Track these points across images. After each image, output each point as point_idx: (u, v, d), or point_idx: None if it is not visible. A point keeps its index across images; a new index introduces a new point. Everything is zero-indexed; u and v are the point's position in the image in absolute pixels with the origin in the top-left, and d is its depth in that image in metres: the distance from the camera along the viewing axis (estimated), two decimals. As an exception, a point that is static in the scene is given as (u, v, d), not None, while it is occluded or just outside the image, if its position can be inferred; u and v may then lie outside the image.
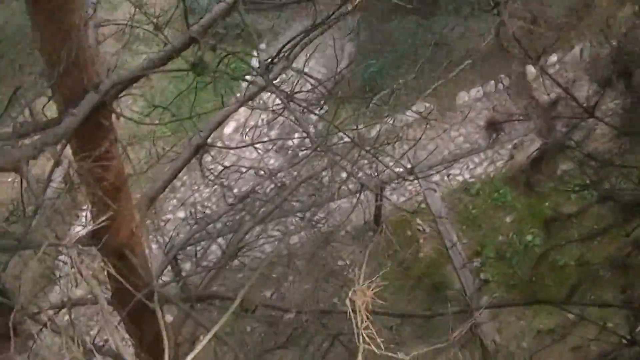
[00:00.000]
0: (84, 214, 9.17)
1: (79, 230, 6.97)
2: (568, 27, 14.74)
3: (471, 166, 15.70)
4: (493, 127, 8.00)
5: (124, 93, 5.68)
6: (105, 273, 6.17)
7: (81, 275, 4.32)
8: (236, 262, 9.30)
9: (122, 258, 6.72)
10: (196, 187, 14.16)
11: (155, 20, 5.22)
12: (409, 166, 10.99)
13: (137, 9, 5.54)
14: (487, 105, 16.10)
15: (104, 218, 5.37)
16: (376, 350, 4.18)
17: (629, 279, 8.84)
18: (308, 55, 6.60)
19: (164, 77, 14.82)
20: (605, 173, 8.43)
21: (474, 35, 15.58)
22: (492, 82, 16.46)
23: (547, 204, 14.23)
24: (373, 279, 4.17)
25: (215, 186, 9.14)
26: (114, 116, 5.78)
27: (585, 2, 14.46)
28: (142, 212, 7.01)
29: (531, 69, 15.64)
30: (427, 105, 14.97)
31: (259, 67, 4.63)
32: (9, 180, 12.41)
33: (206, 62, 4.63)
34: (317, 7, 5.19)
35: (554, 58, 16.31)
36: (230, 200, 8.90)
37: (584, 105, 7.68)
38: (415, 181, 11.89)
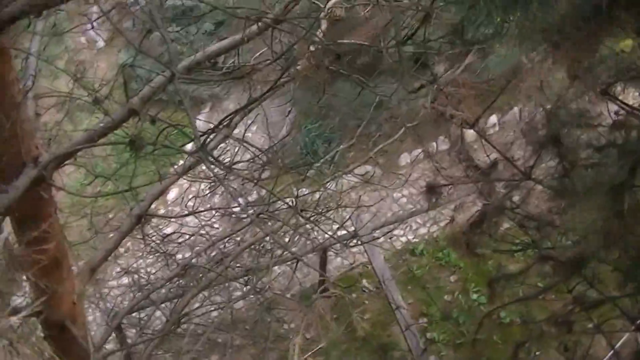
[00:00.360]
0: (25, 284, 9.05)
1: (19, 302, 6.90)
2: (504, 91, 14.98)
3: (414, 227, 15.77)
4: (432, 190, 8.09)
5: (64, 164, 5.67)
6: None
7: (17, 351, 4.28)
8: (181, 328, 9.23)
9: (64, 329, 6.66)
10: (139, 254, 14.02)
11: (94, 93, 5.24)
12: (352, 229, 11.06)
13: (76, 82, 5.56)
14: (429, 167, 16.22)
15: (43, 299, 5.32)
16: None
17: (572, 336, 8.92)
18: (249, 122, 6.67)
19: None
20: (546, 232, 8.53)
21: (414, 97, 15.72)
22: (433, 143, 16.61)
23: (490, 262, 14.30)
24: (308, 355, 4.18)
25: (158, 254, 9.09)
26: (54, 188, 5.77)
27: (521, 65, 14.71)
28: (84, 282, 6.96)
29: (470, 131, 15.82)
30: (369, 168, 15.04)
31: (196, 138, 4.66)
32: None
33: (143, 138, 4.66)
34: (252, 83, 5.26)
35: (493, 119, 16.57)
36: (173, 268, 8.87)
37: (522, 167, 7.81)
38: (360, 244, 11.89)
